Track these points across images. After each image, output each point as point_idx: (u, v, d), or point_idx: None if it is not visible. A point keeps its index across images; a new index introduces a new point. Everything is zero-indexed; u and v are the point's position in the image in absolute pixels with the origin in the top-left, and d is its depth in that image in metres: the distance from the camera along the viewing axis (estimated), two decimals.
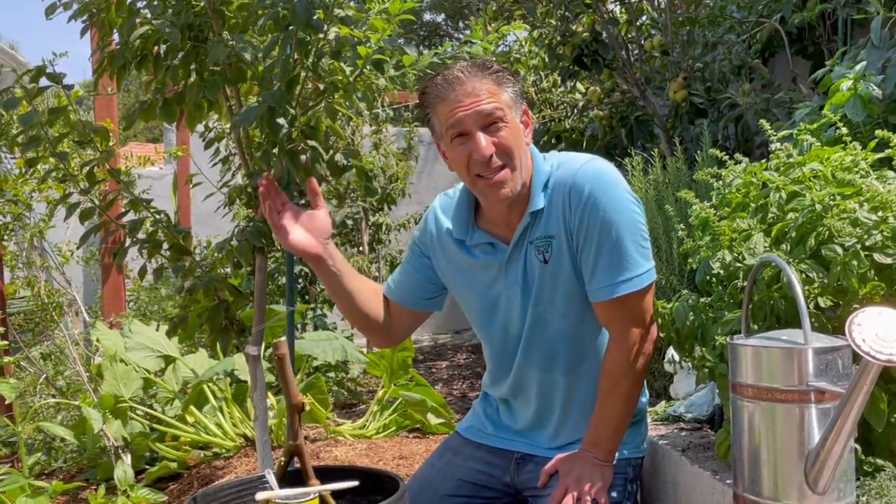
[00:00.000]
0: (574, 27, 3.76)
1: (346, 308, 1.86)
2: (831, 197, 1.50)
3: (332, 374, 4.14)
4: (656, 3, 3.98)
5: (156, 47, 2.28)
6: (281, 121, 2.02)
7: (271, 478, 1.57)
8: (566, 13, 3.76)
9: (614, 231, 1.63)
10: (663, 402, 2.21)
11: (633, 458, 1.79)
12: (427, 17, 16.86)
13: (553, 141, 4.44)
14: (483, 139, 1.61)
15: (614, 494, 1.70)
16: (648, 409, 2.19)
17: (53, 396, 3.32)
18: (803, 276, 1.47)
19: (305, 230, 1.74)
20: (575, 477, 1.65)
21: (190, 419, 3.27)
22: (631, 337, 1.67)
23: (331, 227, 1.76)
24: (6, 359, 2.23)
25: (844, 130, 1.67)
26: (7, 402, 2.19)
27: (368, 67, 2.14)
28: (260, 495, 1.50)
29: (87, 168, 2.41)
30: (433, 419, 3.45)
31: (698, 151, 2.68)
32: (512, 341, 1.80)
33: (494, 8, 4.35)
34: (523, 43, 4.64)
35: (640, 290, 1.65)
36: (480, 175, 1.64)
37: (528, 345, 1.77)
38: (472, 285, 1.82)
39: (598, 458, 1.68)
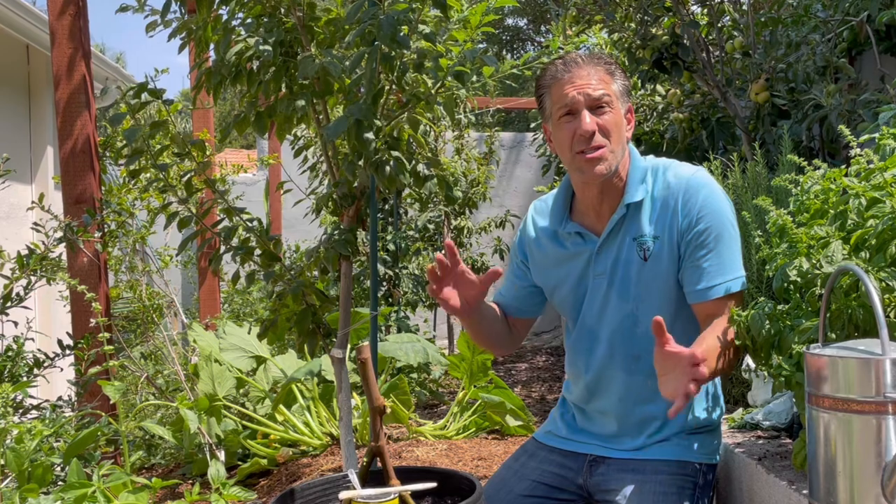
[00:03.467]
0: (653, 30, 3.74)
1: (479, 338, 2.03)
2: None
3: (414, 376, 4.23)
4: (738, 3, 3.91)
5: (249, 63, 2.40)
6: (369, 135, 2.11)
7: (354, 478, 1.65)
8: (645, 17, 3.74)
9: (721, 239, 1.73)
10: (741, 410, 2.19)
11: (704, 465, 1.80)
12: (509, 21, 16.88)
13: (633, 144, 4.41)
14: (588, 116, 1.72)
15: (682, 499, 1.71)
16: (725, 417, 2.18)
17: (153, 394, 3.51)
18: (883, 284, 1.45)
19: (462, 295, 1.82)
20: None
21: (279, 418, 3.41)
22: (729, 331, 1.67)
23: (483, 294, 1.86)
24: (112, 362, 2.39)
25: None
26: (111, 402, 2.33)
27: (449, 79, 2.21)
28: (343, 494, 1.58)
29: (186, 178, 2.55)
30: (512, 421, 3.50)
31: (779, 154, 2.64)
32: (597, 338, 1.84)
33: (574, 13, 4.35)
34: (603, 46, 4.63)
35: (740, 292, 1.73)
36: (581, 151, 1.74)
37: (614, 342, 1.82)
38: (564, 279, 1.89)
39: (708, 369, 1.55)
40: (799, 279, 1.58)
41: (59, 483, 2.23)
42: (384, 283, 5.03)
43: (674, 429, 1.81)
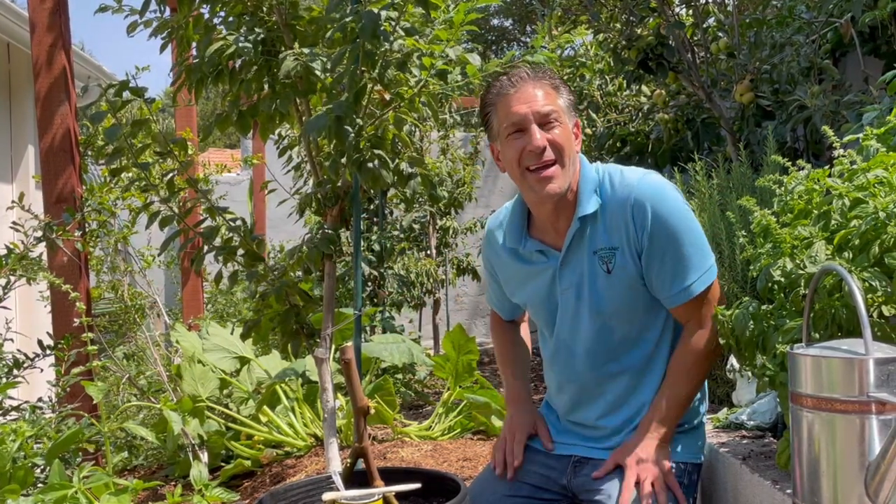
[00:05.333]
0: (639, 31, 3.74)
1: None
2: (895, 204, 1.48)
3: (399, 376, 4.22)
4: (723, 4, 3.93)
5: (231, 62, 2.38)
6: (348, 128, 2.09)
7: (337, 479, 1.64)
8: (631, 17, 3.74)
9: (680, 240, 1.71)
10: (725, 410, 2.19)
11: (689, 464, 1.80)
12: (494, 21, 16.90)
13: (618, 144, 4.42)
14: (538, 132, 1.71)
15: (671, 502, 1.71)
16: (710, 417, 2.18)
17: (135, 396, 3.48)
18: (866, 284, 1.45)
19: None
20: (643, 464, 1.68)
21: (263, 419, 3.39)
22: (710, 322, 1.73)
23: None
24: (95, 362, 2.37)
25: None
26: (94, 402, 2.31)
27: (433, 78, 2.20)
28: (326, 496, 1.57)
29: (168, 177, 2.53)
30: (497, 422, 3.49)
31: (763, 155, 2.65)
32: (575, 351, 1.84)
33: (559, 13, 4.35)
34: (588, 47, 4.64)
35: (711, 282, 1.74)
36: (530, 168, 1.73)
37: (594, 354, 1.81)
38: (533, 296, 1.88)
39: (658, 438, 1.71)
40: (783, 279, 1.58)
41: (41, 484, 2.20)
42: (369, 284, 5.01)
43: None
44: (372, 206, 5.21)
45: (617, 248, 1.74)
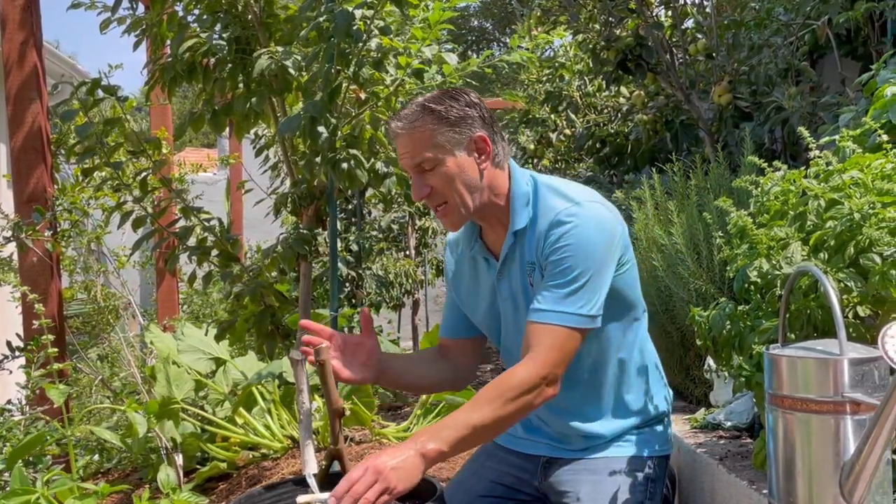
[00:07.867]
0: (618, 32, 3.75)
1: (413, 390, 1.92)
2: (871, 205, 1.48)
3: None
4: (702, 6, 3.95)
5: (205, 60, 2.35)
6: (321, 129, 2.07)
7: (312, 481, 1.62)
8: (610, 18, 3.75)
9: (568, 268, 1.61)
10: (702, 410, 2.19)
11: (654, 457, 1.78)
12: (474, 22, 16.92)
13: (597, 145, 4.42)
14: (418, 183, 1.70)
15: (636, 495, 1.70)
16: (687, 417, 2.18)
17: (108, 398, 3.43)
18: (841, 285, 1.45)
19: (357, 362, 1.75)
20: (377, 469, 1.42)
21: (239, 420, 3.35)
22: (545, 366, 1.57)
23: (378, 347, 1.77)
24: (56, 365, 2.32)
25: (885, 137, 1.65)
26: (55, 405, 2.27)
27: (409, 77, 2.18)
28: (301, 498, 1.54)
29: (141, 177, 2.49)
30: None
31: (741, 156, 2.66)
32: (517, 360, 1.78)
33: (539, 14, 4.35)
34: (568, 48, 4.64)
35: (573, 329, 1.59)
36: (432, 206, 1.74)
37: None
38: (480, 301, 1.85)
39: (419, 452, 1.46)
40: (759, 280, 1.58)
41: (6, 489, 2.16)
42: (347, 284, 4.98)
43: (622, 429, 1.79)
44: (350, 206, 5.18)
45: (535, 264, 1.70)
